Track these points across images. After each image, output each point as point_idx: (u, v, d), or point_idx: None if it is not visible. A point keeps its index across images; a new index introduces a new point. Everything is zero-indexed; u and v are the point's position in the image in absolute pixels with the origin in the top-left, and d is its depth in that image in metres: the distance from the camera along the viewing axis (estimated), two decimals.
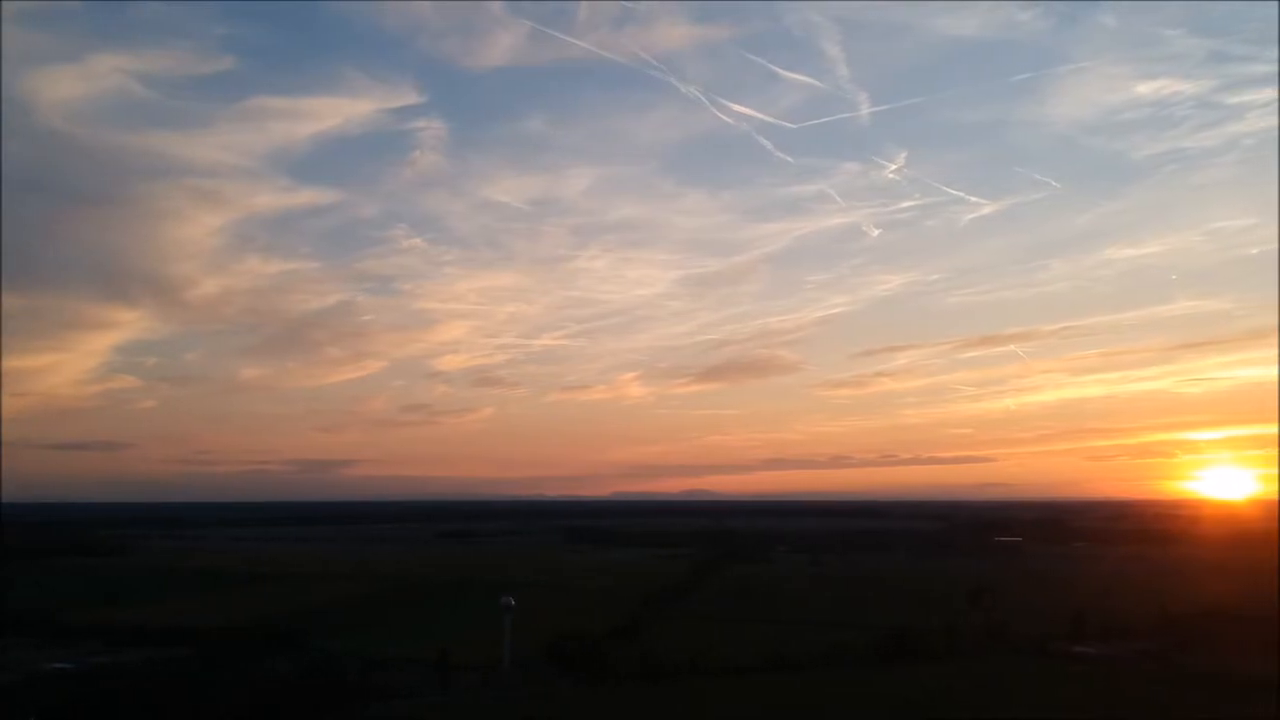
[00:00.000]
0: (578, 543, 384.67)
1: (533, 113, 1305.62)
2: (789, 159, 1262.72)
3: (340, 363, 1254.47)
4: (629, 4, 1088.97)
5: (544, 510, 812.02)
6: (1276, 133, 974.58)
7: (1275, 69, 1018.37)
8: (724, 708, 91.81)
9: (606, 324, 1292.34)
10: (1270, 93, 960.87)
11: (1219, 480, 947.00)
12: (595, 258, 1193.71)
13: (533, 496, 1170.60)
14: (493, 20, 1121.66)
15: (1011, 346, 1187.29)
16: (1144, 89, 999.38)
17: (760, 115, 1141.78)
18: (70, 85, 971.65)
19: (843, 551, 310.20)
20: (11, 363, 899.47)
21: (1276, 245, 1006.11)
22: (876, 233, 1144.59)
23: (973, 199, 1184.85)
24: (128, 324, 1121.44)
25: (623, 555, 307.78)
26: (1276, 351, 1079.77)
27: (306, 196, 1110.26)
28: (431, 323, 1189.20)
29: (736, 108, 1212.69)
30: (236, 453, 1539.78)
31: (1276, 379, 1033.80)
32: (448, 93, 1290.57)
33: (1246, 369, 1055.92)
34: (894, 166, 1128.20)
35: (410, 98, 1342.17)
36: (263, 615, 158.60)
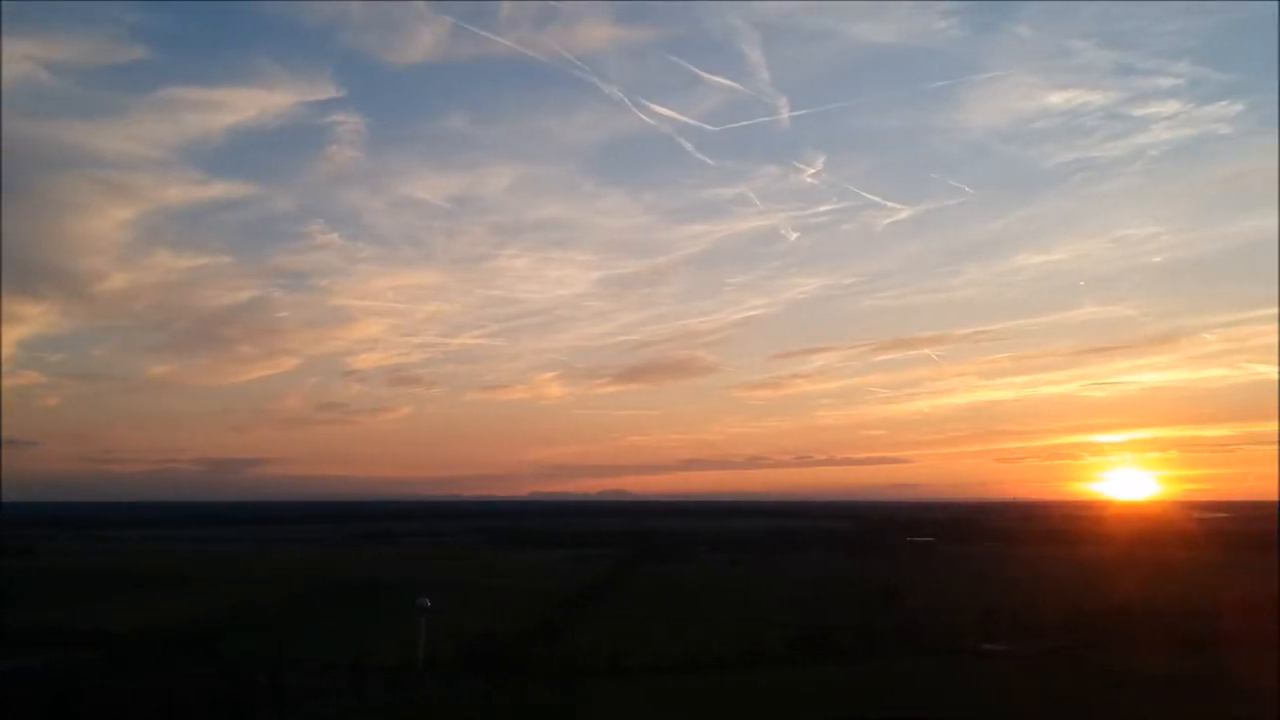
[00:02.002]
0: (495, 543, 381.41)
1: (453, 110, 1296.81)
2: (709, 161, 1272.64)
3: (253, 360, 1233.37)
4: (552, 3, 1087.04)
5: (461, 510, 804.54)
6: (1180, 144, 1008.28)
7: (1179, 83, 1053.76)
8: (640, 708, 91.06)
9: (526, 323, 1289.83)
10: (1175, 106, 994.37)
11: (1122, 481, 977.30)
12: (516, 257, 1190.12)
13: (450, 496, 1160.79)
14: (414, 15, 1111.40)
15: (925, 350, 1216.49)
16: (1056, 99, 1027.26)
17: (681, 117, 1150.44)
18: None
19: (760, 551, 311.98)
20: None
21: (1179, 254, 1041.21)
22: (795, 236, 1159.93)
23: (889, 204, 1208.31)
24: (33, 319, 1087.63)
25: (541, 556, 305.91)
26: (1178, 357, 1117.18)
27: (220, 190, 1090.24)
28: (348, 320, 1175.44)
29: (658, 109, 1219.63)
30: (145, 451, 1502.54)
31: (1177, 384, 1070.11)
32: (367, 87, 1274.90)
33: (1149, 374, 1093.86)
34: (812, 170, 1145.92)
35: (328, 91, 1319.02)
36: (173, 617, 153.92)
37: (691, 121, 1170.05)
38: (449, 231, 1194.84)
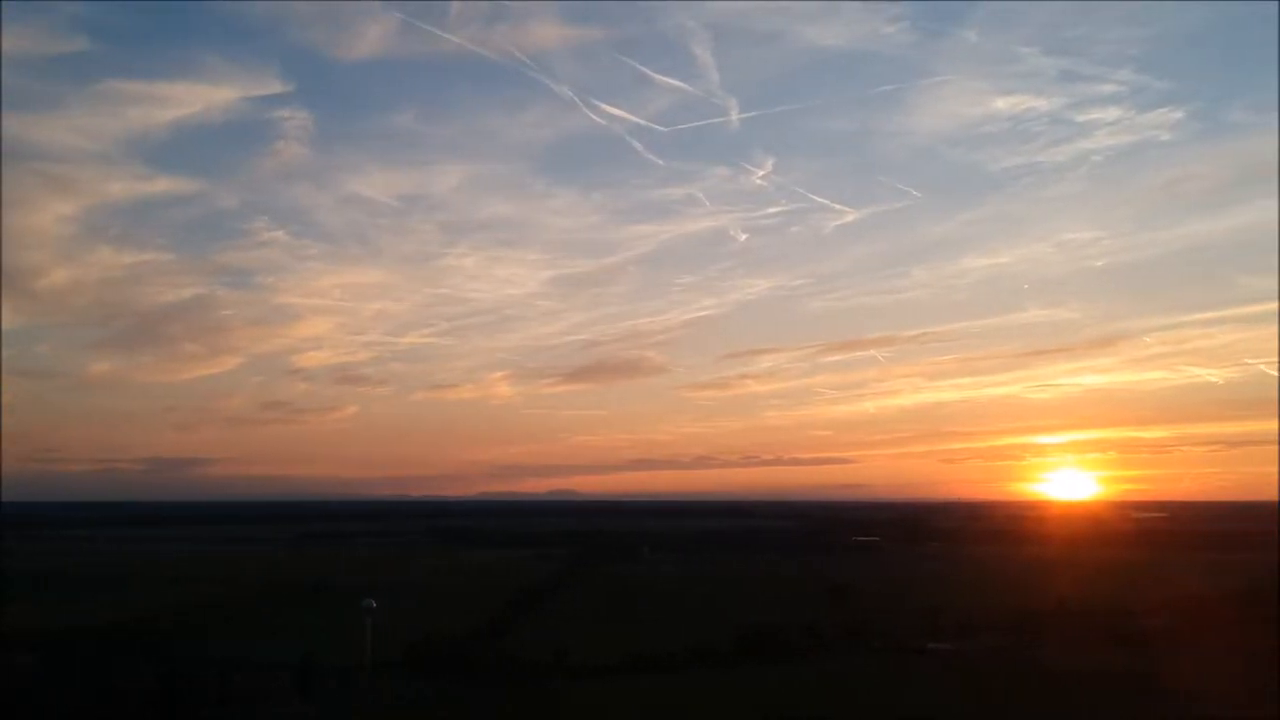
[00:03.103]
0: (443, 543, 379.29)
1: (402, 107, 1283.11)
2: (659, 162, 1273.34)
3: (196, 358, 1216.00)
4: (502, 2, 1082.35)
5: (409, 510, 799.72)
6: (1122, 150, 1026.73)
7: (1122, 90, 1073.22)
8: (586, 708, 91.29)
9: (475, 322, 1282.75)
10: (1116, 112, 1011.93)
11: (1064, 482, 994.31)
12: (464, 255, 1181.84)
13: (397, 496, 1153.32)
14: (362, 11, 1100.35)
15: (872, 351, 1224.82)
16: (1001, 104, 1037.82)
17: (632, 117, 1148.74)
18: None
19: (707, 551, 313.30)
20: None
21: (1120, 258, 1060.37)
22: (744, 237, 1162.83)
23: (837, 206, 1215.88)
24: None
25: (488, 556, 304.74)
26: (1119, 360, 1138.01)
27: (163, 185, 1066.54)
28: (293, 318, 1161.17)
29: (608, 109, 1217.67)
30: (86, 450, 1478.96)
31: (1117, 386, 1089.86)
32: (314, 83, 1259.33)
33: (1090, 376, 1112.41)
34: (762, 172, 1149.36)
35: (274, 87, 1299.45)
36: (114, 619, 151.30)
37: (642, 122, 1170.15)
38: (397, 230, 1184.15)
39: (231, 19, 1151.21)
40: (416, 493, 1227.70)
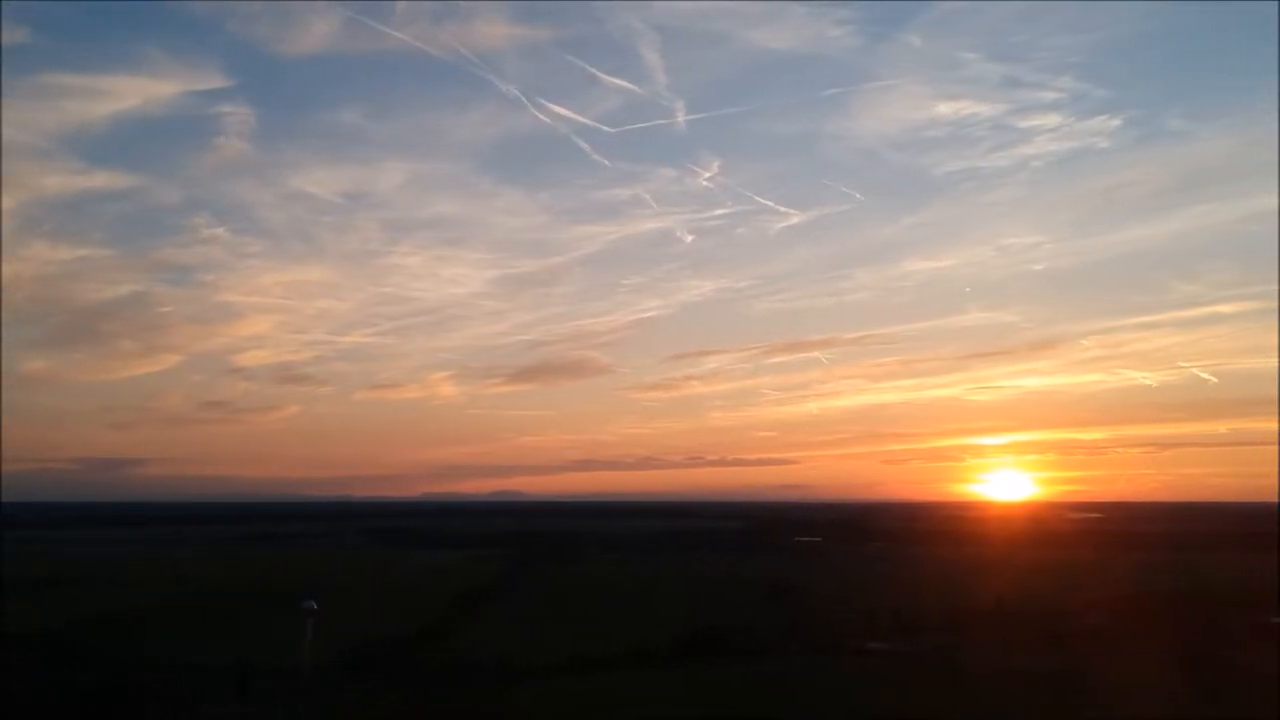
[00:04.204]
0: (385, 544, 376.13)
1: (347, 103, 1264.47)
2: (606, 162, 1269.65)
3: (134, 356, 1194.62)
4: (450, 1, 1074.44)
5: (350, 511, 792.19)
6: (1062, 157, 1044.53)
7: (1062, 97, 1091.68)
8: (527, 709, 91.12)
9: (419, 322, 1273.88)
10: (1057, 119, 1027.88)
11: (1003, 483, 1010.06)
12: (409, 254, 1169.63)
13: (339, 497, 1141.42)
14: (306, 7, 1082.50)
15: (815, 353, 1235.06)
16: (945, 109, 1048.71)
17: (579, 117, 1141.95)
18: None
19: (651, 551, 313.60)
20: None
21: (1060, 262, 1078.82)
22: (690, 239, 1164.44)
23: (782, 209, 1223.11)
24: None
25: (431, 557, 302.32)
26: (1057, 362, 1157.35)
27: (101, 179, 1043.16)
28: (234, 316, 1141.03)
29: (555, 109, 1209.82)
30: (18, 450, 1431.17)
31: (1056, 388, 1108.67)
32: (257, 78, 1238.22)
33: (1030, 378, 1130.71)
34: (708, 174, 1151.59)
35: (216, 81, 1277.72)
36: (44, 623, 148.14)
37: (589, 122, 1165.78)
38: (340, 227, 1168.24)
39: (173, 12, 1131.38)
40: (358, 493, 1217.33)
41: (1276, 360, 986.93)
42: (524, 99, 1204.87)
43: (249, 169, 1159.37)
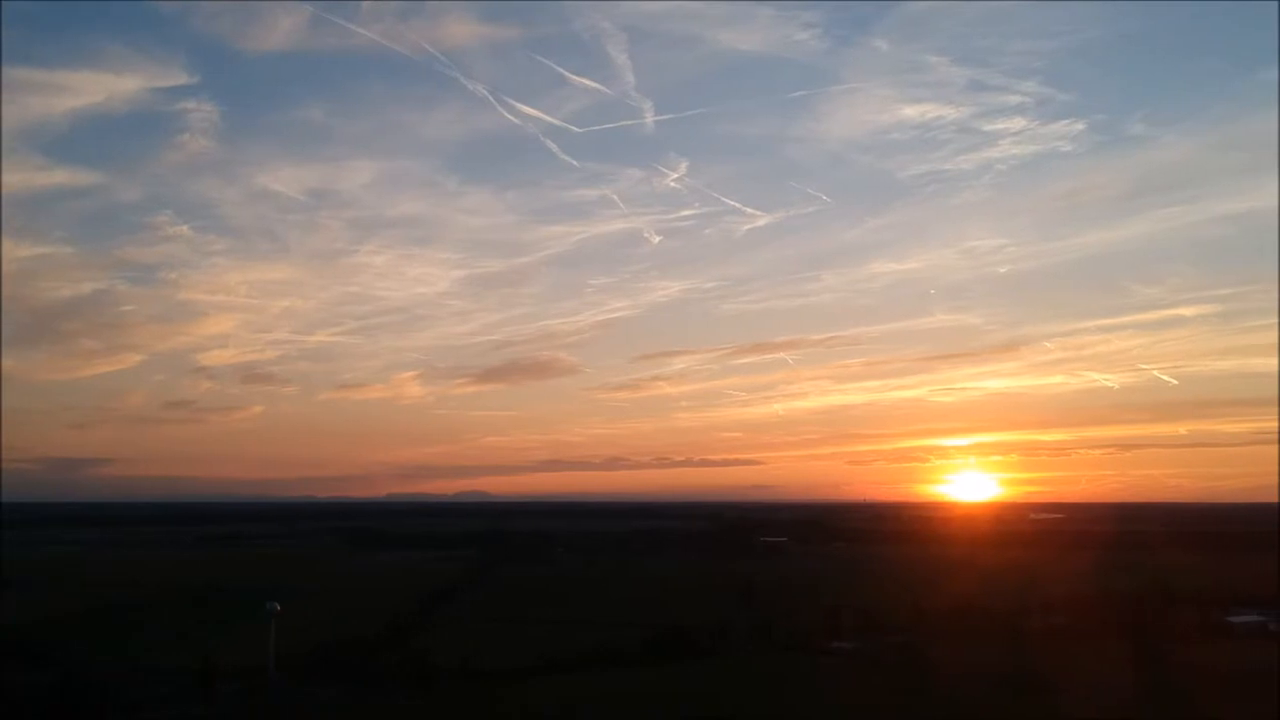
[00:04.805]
0: (350, 545, 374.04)
1: (312, 102, 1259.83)
2: (574, 162, 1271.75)
3: (96, 355, 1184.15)
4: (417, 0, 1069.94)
5: (315, 512, 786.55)
6: (1025, 160, 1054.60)
7: (1026, 101, 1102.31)
8: (491, 710, 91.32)
9: (385, 321, 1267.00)
10: (1021, 122, 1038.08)
11: (966, 483, 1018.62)
12: (375, 253, 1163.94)
13: (304, 497, 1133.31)
14: (272, 3, 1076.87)
15: (781, 354, 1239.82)
16: (910, 112, 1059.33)
17: (547, 117, 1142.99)
18: None
19: (618, 552, 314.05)
20: None
21: (1023, 265, 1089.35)
22: (657, 239, 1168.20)
23: (749, 210, 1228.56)
24: None
25: (397, 557, 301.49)
26: (1021, 364, 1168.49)
27: (62, 176, 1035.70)
28: (198, 315, 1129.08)
29: (523, 108, 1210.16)
30: None
31: (1019, 390, 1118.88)
32: (222, 75, 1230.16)
33: (993, 380, 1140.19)
34: (675, 175, 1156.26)
35: (180, 77, 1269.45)
36: (4, 623, 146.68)
37: (557, 122, 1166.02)
38: (305, 226, 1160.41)
39: (136, 8, 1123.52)
40: (323, 494, 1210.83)
41: (1235, 362, 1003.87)
42: (491, 98, 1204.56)
43: (213, 166, 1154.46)
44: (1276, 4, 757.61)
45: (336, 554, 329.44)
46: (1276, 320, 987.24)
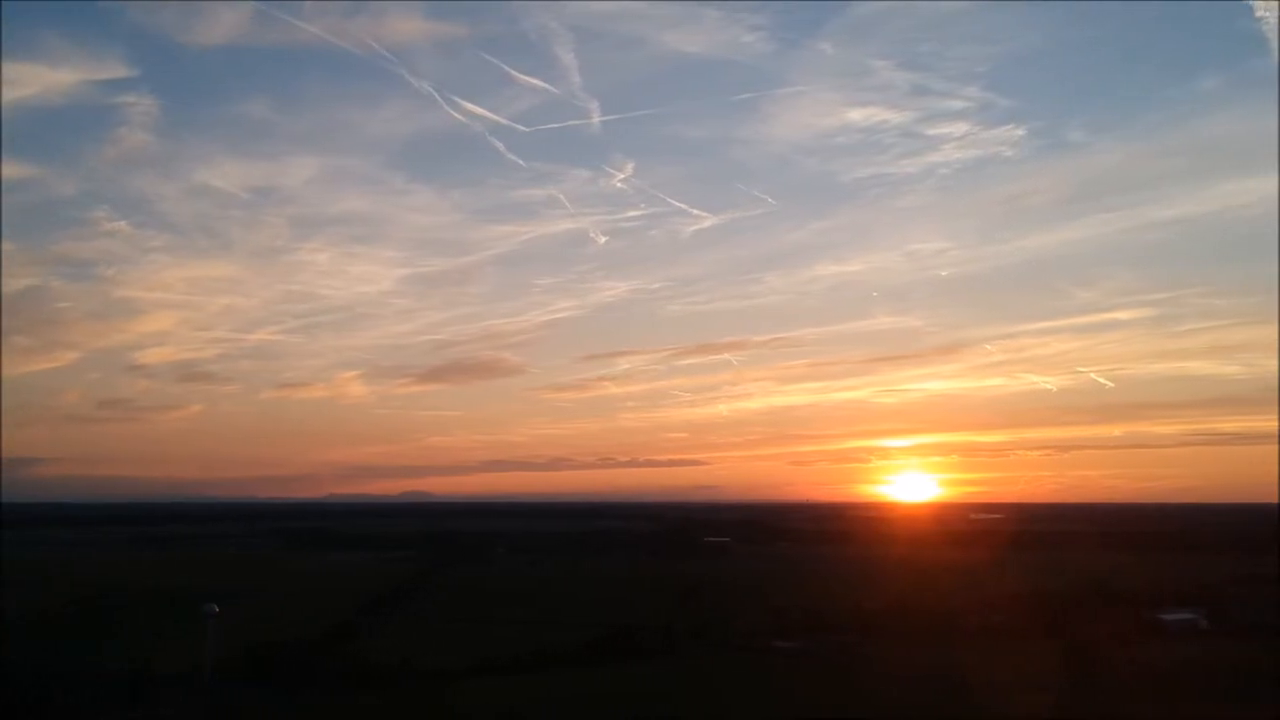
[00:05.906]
0: (291, 546, 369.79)
1: (254, 96, 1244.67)
2: (520, 162, 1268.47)
3: (29, 352, 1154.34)
4: None
5: (255, 512, 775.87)
6: (968, 164, 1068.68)
7: (969, 106, 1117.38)
8: (432, 712, 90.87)
9: (327, 320, 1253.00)
10: (964, 127, 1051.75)
11: (907, 484, 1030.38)
12: (317, 251, 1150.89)
13: (243, 498, 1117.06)
14: None
15: (726, 355, 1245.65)
16: (855, 115, 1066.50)
17: (493, 116, 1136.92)
18: None
19: (561, 552, 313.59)
20: None
21: (965, 268, 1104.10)
22: (603, 240, 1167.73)
23: (695, 211, 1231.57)
24: None
25: (338, 558, 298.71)
26: (961, 366, 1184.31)
27: None
28: (135, 312, 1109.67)
29: (469, 107, 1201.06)
30: None
31: (960, 392, 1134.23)
32: (162, 68, 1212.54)
33: (934, 382, 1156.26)
34: (622, 176, 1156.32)
35: (119, 70, 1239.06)
36: None
37: (503, 121, 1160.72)
38: (247, 222, 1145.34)
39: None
40: (263, 494, 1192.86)
41: (1170, 365, 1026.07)
42: (437, 96, 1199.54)
43: (152, 161, 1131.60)
44: (1215, 13, 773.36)
45: (279, 554, 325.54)
46: (1213, 324, 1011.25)
